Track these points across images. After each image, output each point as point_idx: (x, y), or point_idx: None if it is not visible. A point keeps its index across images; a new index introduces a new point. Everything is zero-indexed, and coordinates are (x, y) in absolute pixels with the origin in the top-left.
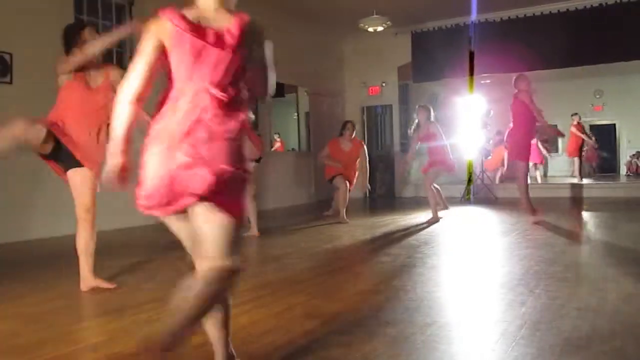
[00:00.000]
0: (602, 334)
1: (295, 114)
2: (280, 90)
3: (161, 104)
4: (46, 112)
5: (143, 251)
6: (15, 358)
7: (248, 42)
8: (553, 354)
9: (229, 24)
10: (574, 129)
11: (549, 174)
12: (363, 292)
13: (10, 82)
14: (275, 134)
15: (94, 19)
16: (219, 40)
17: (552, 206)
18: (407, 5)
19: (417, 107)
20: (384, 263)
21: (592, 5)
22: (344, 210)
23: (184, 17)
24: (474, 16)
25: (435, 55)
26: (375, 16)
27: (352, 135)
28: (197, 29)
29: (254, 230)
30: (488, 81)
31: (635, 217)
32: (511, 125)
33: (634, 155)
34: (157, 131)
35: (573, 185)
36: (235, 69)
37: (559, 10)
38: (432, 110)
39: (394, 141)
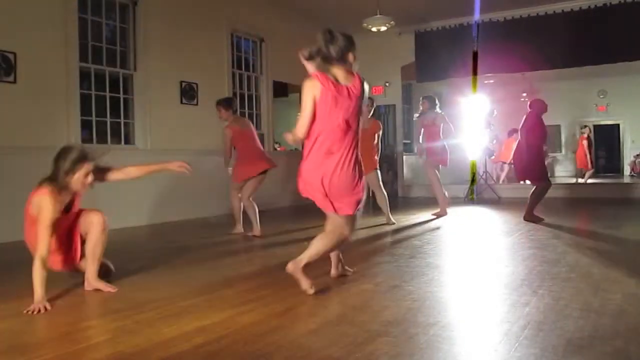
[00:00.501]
0: (605, 334)
1: (298, 113)
2: (284, 90)
3: (309, 134)
4: (49, 112)
5: (144, 251)
6: (16, 358)
7: (363, 91)
8: (556, 354)
9: (353, 83)
10: (585, 143)
11: (552, 174)
12: (365, 292)
13: (14, 82)
14: (276, 143)
15: (98, 19)
16: (349, 94)
17: (556, 206)
18: (410, 5)
19: (421, 98)
20: (386, 263)
21: (596, 5)
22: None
23: (328, 79)
24: (477, 16)
25: (438, 55)
26: (378, 16)
27: (371, 112)
28: (337, 88)
29: (255, 230)
30: (492, 81)
31: (638, 218)
32: (518, 141)
33: (637, 155)
34: (313, 150)
35: (576, 185)
36: (356, 110)
37: (562, 10)
38: (436, 101)
39: (397, 141)
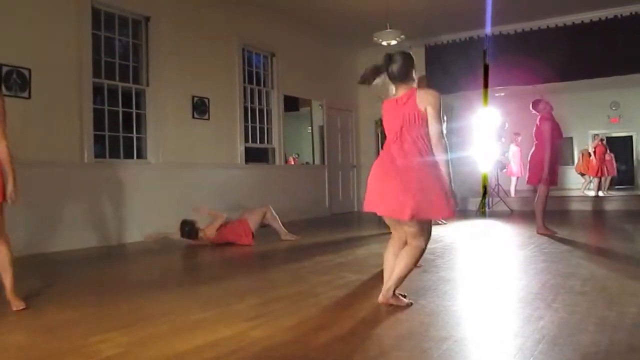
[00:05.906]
0: (620, 348)
1: (310, 127)
2: (295, 104)
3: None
4: (63, 126)
5: (155, 264)
6: None
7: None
8: None
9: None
10: (600, 152)
11: (565, 186)
12: (378, 306)
13: (29, 97)
14: (295, 154)
15: (111, 35)
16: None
17: (569, 219)
18: (420, 18)
19: None
20: None
21: (607, 17)
22: None
23: None
24: (488, 29)
25: (449, 68)
26: (388, 30)
27: None
28: None
29: None
30: (502, 94)
31: None
32: (534, 147)
33: None
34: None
35: (589, 198)
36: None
37: (573, 22)
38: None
39: None
